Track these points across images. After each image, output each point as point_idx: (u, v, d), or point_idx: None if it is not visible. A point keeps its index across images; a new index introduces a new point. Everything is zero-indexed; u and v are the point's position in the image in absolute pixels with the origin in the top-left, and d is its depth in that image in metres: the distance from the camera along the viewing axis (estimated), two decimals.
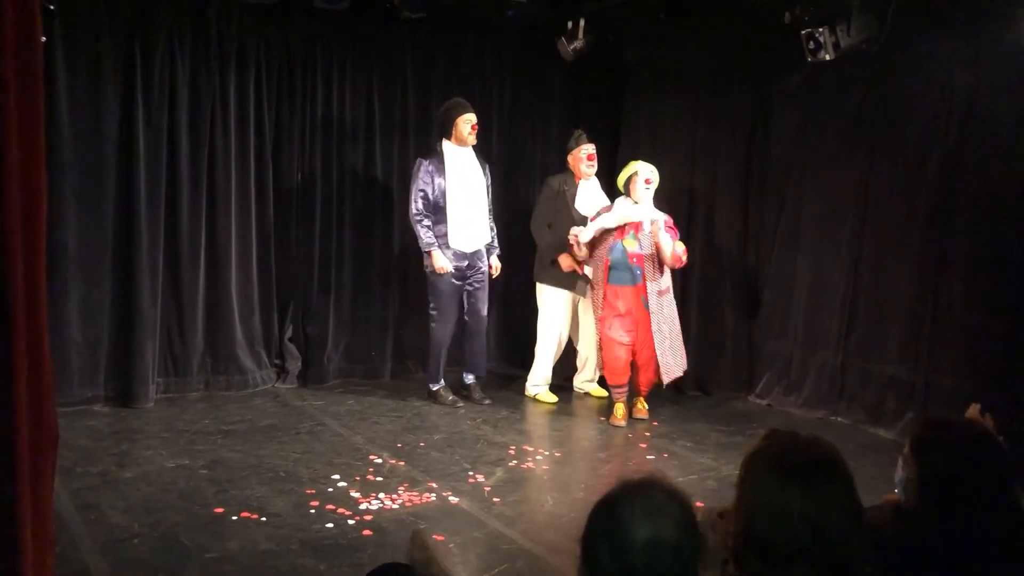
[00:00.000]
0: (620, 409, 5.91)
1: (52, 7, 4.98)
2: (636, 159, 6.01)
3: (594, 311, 6.01)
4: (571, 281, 6.28)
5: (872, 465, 4.63)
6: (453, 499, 4.50)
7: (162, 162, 5.85)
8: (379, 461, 4.98)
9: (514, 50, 7.14)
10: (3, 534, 2.01)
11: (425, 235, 5.92)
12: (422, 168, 5.93)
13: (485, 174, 6.15)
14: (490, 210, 6.20)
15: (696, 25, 6.49)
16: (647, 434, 5.71)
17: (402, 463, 4.98)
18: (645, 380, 5.97)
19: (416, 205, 5.92)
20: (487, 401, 6.22)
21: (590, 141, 6.29)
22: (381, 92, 6.68)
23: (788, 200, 6.47)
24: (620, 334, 5.83)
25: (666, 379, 5.91)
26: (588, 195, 6.29)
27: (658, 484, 1.60)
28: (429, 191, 5.91)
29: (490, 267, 6.20)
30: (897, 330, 5.73)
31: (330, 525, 4.10)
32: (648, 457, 5.27)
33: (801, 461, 1.68)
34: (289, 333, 6.54)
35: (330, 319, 6.61)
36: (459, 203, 5.96)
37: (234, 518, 4.13)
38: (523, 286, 6.75)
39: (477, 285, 6.11)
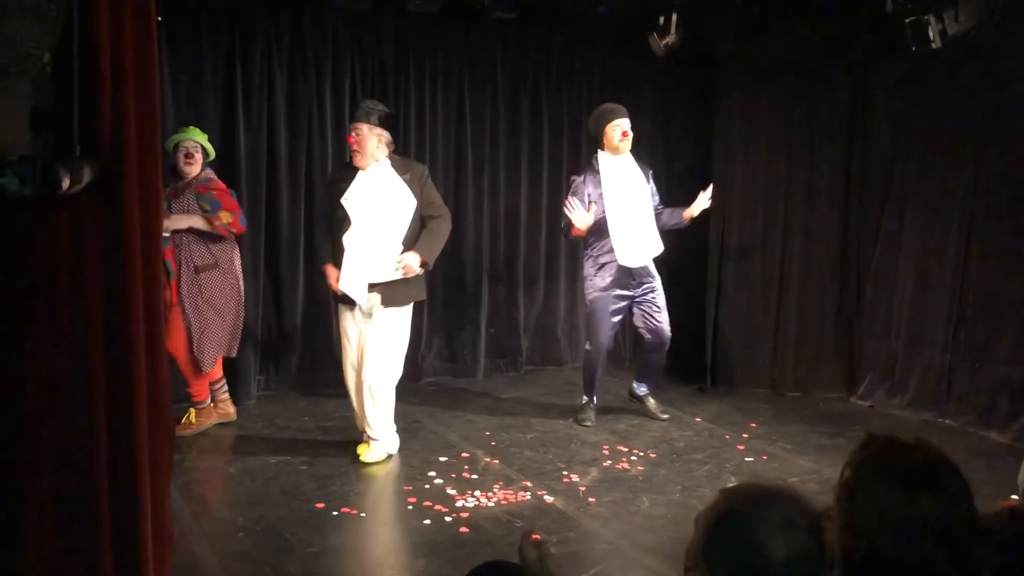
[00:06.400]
0: (191, 414, 5.38)
1: (160, 19, 5.16)
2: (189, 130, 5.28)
3: None
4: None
5: (984, 469, 4.44)
6: (548, 498, 4.50)
7: (262, 166, 6.02)
8: (474, 459, 5.03)
9: (603, 47, 7.09)
10: (126, 527, 2.10)
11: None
12: (576, 187, 5.55)
13: (648, 181, 5.69)
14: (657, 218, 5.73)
15: (791, 16, 6.32)
16: (744, 435, 5.59)
17: (497, 461, 5.01)
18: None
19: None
20: (665, 416, 5.85)
21: (359, 120, 4.76)
22: (471, 93, 6.73)
23: (891, 195, 6.25)
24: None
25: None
26: (363, 186, 4.82)
27: (784, 494, 1.52)
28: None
29: None
30: (1010, 329, 5.48)
31: (427, 522, 4.15)
32: (746, 459, 5.17)
33: (918, 466, 1.60)
34: None
35: (424, 318, 6.68)
36: (621, 217, 5.51)
37: (334, 513, 4.22)
38: None
39: (651, 298, 5.66)
